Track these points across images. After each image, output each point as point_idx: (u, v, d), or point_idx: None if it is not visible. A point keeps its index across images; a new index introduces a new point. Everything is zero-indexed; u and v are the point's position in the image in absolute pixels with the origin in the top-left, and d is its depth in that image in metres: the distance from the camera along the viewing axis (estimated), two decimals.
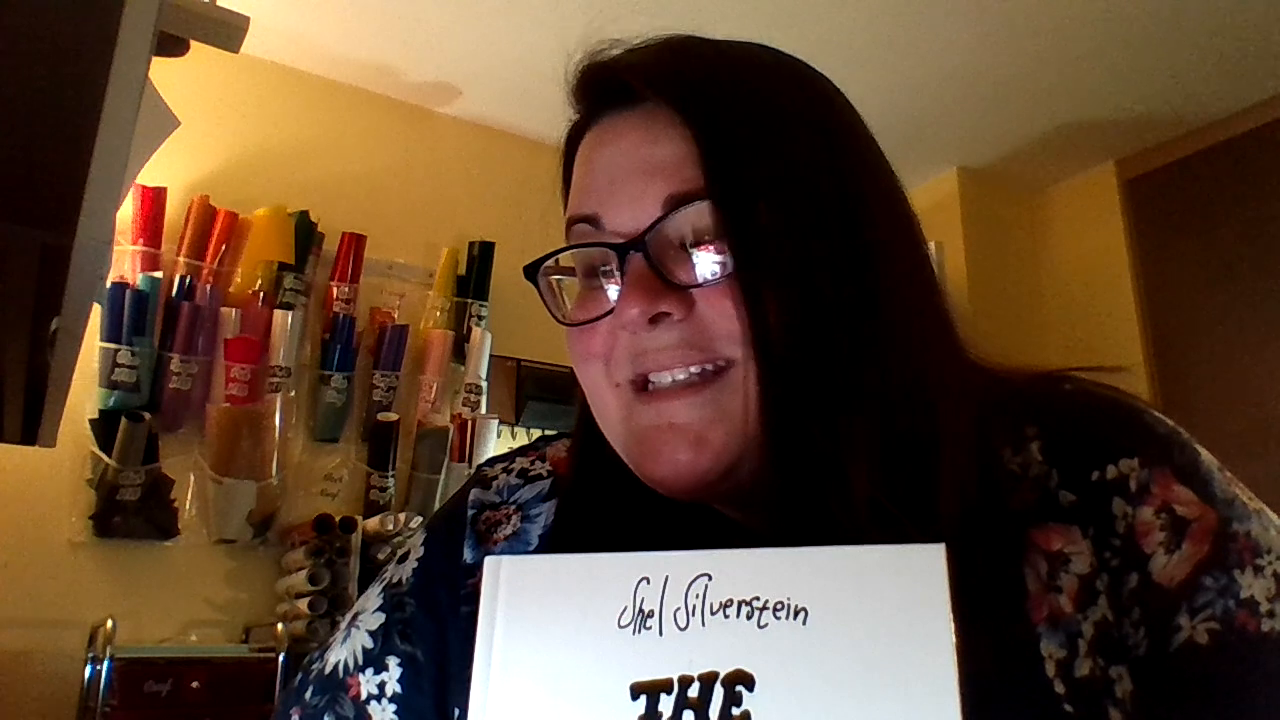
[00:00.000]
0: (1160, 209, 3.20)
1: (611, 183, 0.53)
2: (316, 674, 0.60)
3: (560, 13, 2.44)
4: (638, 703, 0.36)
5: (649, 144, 0.52)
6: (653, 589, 0.38)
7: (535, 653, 0.38)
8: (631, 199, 0.51)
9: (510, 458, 0.67)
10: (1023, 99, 2.94)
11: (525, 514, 0.62)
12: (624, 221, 0.51)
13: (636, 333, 0.50)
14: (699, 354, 0.50)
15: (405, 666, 0.58)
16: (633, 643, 0.37)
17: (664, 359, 0.50)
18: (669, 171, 0.51)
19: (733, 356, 0.49)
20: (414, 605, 0.59)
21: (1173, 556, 0.48)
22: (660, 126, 0.52)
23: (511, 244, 2.82)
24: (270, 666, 2.04)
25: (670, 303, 0.49)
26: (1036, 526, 0.50)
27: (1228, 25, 2.59)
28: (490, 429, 2.67)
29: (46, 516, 2.16)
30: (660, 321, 0.50)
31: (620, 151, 0.53)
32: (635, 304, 0.49)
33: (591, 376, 0.54)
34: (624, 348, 0.52)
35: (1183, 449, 0.51)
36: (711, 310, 0.49)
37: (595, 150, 0.55)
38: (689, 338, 0.50)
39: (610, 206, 0.52)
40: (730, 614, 0.37)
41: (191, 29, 1.02)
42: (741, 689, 0.35)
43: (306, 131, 2.70)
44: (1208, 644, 0.46)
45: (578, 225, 0.54)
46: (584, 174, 0.55)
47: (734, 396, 0.49)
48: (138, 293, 2.23)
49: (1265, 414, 2.83)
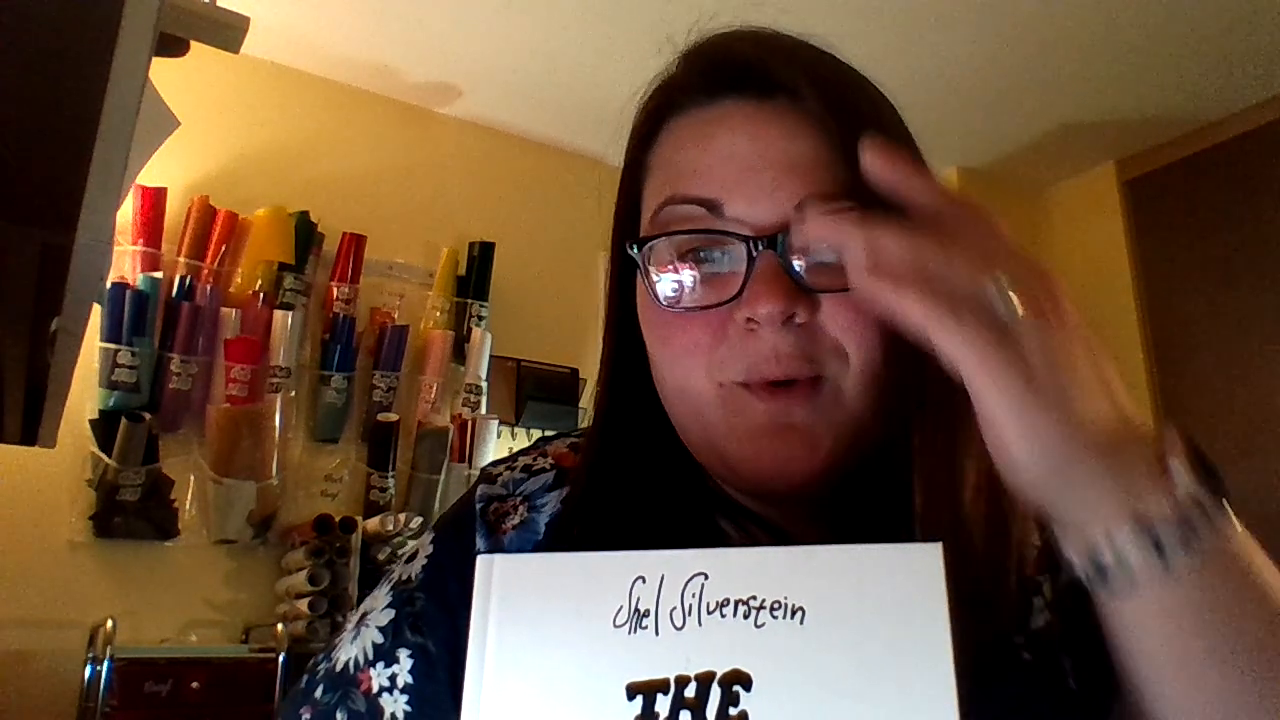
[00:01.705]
0: (1160, 209, 3.21)
1: (741, 172, 0.51)
2: (326, 672, 0.60)
3: (560, 13, 2.44)
4: (634, 703, 0.36)
5: (787, 139, 0.51)
6: (648, 588, 0.37)
7: (529, 653, 0.38)
8: (766, 192, 0.50)
9: (512, 458, 0.67)
10: (1023, 99, 2.94)
11: (532, 504, 0.61)
12: (753, 214, 0.50)
13: (758, 330, 0.49)
14: (808, 364, 0.50)
15: (416, 657, 0.57)
16: (628, 642, 0.37)
17: (778, 365, 0.49)
18: (806, 171, 0.50)
19: (831, 371, 0.50)
20: (424, 599, 0.59)
21: None
22: (799, 124, 0.51)
23: (511, 244, 2.82)
24: (270, 667, 2.04)
25: (801, 305, 0.49)
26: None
27: (1228, 26, 2.59)
28: (490, 429, 2.67)
29: (46, 516, 2.16)
30: (787, 324, 0.49)
31: (754, 141, 0.52)
32: (773, 301, 0.48)
33: (685, 369, 0.52)
34: (737, 345, 0.50)
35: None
36: (831, 321, 0.49)
37: (713, 134, 0.53)
38: (804, 346, 0.49)
39: (739, 195, 0.51)
40: (727, 613, 0.36)
41: (191, 29, 1.02)
42: (739, 689, 0.35)
43: (306, 131, 2.70)
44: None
45: (685, 207, 0.52)
46: (698, 154, 0.53)
47: (835, 405, 0.50)
48: (138, 293, 2.23)
49: (1265, 414, 2.83)
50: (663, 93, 0.57)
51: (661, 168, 0.56)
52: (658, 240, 0.53)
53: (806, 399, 0.50)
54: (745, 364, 0.50)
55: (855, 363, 0.50)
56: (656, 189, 0.55)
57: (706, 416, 0.52)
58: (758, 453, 0.50)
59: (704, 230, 0.51)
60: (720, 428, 0.52)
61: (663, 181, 0.55)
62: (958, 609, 0.36)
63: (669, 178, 0.54)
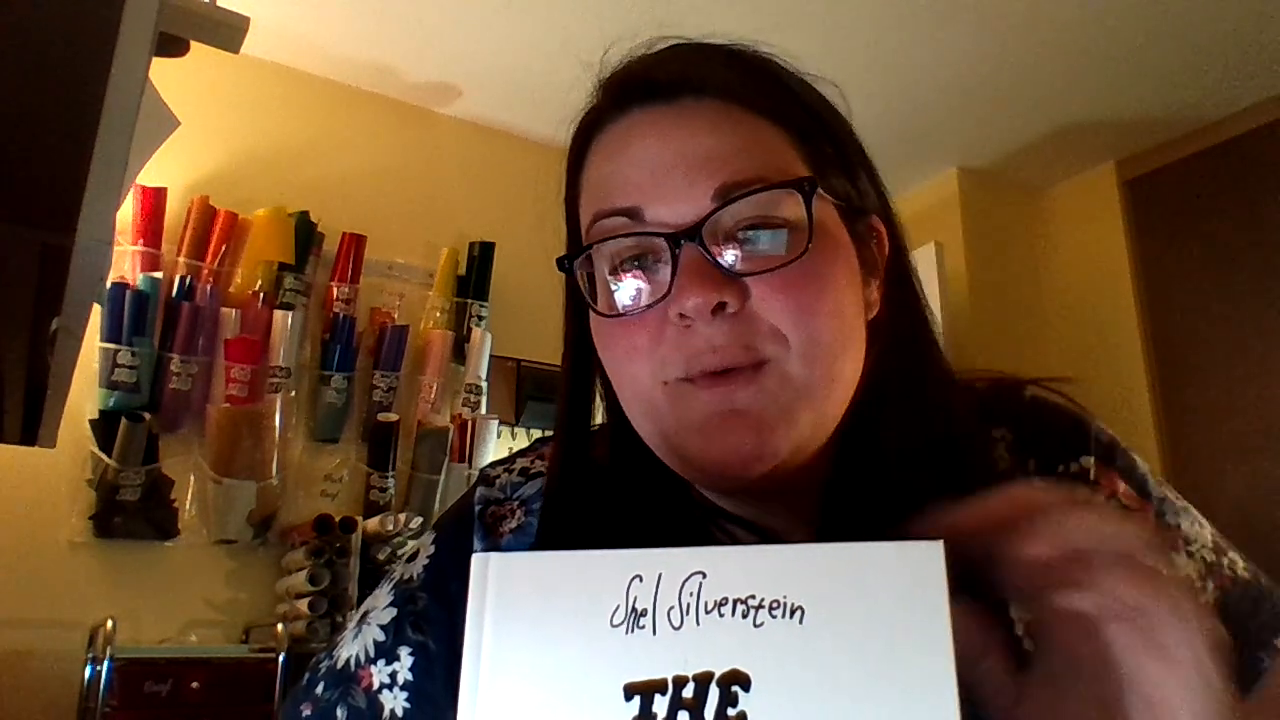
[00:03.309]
0: (1160, 209, 3.20)
1: (654, 174, 0.52)
2: (327, 670, 0.61)
3: (560, 13, 2.44)
4: (631, 703, 0.35)
5: (693, 136, 0.52)
6: (646, 587, 0.37)
7: (525, 653, 0.37)
8: (679, 191, 0.51)
9: (510, 459, 0.67)
10: (1023, 99, 2.94)
11: (529, 509, 0.62)
12: (671, 214, 0.51)
13: (692, 325, 0.50)
14: (746, 352, 0.50)
15: (417, 655, 0.58)
16: (626, 642, 0.36)
17: (718, 356, 0.50)
18: (716, 163, 0.51)
19: (772, 354, 0.50)
20: (426, 598, 0.60)
21: None
22: (701, 121, 0.53)
23: (511, 244, 2.82)
24: (270, 667, 2.04)
25: (730, 293, 0.49)
26: None
27: (1227, 26, 2.59)
28: (490, 429, 2.67)
29: (46, 516, 2.16)
30: (718, 313, 0.50)
31: (661, 145, 0.53)
32: (697, 293, 0.49)
33: (632, 373, 0.53)
34: (674, 344, 0.51)
35: (1123, 454, 0.60)
36: (764, 305, 0.50)
37: (627, 144, 0.55)
38: (740, 333, 0.50)
39: (654, 198, 0.52)
40: (725, 613, 0.36)
41: (191, 29, 1.02)
42: (737, 689, 0.35)
43: (306, 131, 2.70)
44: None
45: (610, 219, 0.53)
46: (615, 167, 0.55)
47: (781, 386, 0.50)
48: (138, 293, 2.23)
49: (1265, 414, 2.82)
50: (586, 117, 0.59)
51: (588, 187, 0.57)
52: (590, 252, 0.54)
53: (749, 382, 0.50)
54: (684, 360, 0.51)
55: (795, 342, 0.50)
56: (587, 206, 0.57)
57: (657, 416, 0.53)
58: (707, 442, 0.51)
59: (625, 235, 0.53)
60: (671, 424, 0.52)
61: (590, 198, 0.56)
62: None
63: (594, 194, 0.56)
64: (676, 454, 0.53)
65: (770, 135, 0.53)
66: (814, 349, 0.50)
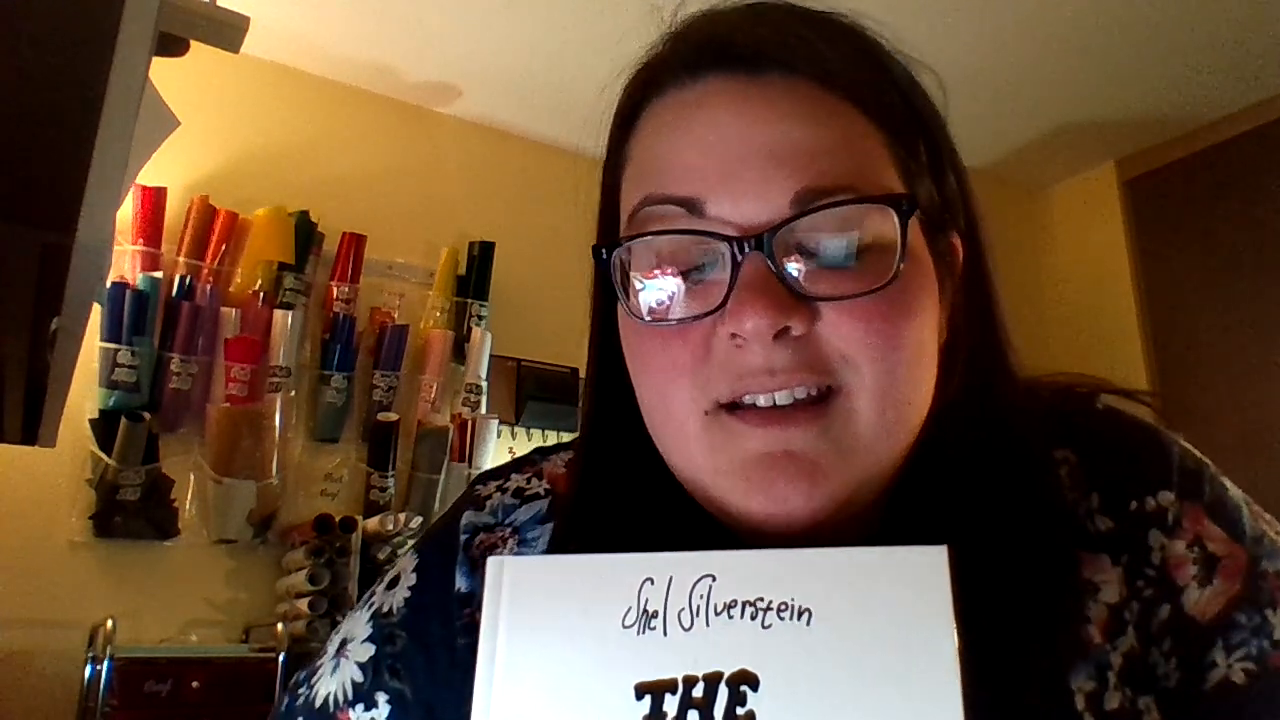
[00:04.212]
0: (1160, 209, 3.21)
1: (724, 163, 0.44)
2: (305, 703, 0.57)
3: (560, 13, 2.44)
4: (642, 703, 0.36)
5: (776, 122, 0.44)
6: (657, 589, 0.38)
7: (539, 654, 0.38)
8: (752, 187, 0.43)
9: (505, 474, 0.61)
10: (1023, 99, 2.94)
11: (522, 537, 0.57)
12: (738, 213, 0.43)
13: (746, 346, 0.42)
14: (812, 376, 0.43)
15: (394, 704, 0.54)
16: (637, 643, 0.37)
17: (773, 381, 0.42)
18: (803, 161, 0.43)
19: (844, 380, 0.43)
20: (405, 639, 0.55)
21: (1205, 591, 0.47)
22: (790, 106, 0.45)
23: (511, 244, 2.82)
24: (270, 666, 2.04)
25: (798, 317, 0.42)
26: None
27: (1227, 25, 2.59)
28: (490, 429, 2.67)
29: (46, 516, 2.16)
30: (781, 337, 0.42)
31: (737, 128, 0.44)
32: (762, 313, 0.41)
33: (668, 394, 0.45)
34: (722, 364, 0.43)
35: (1212, 483, 0.50)
36: (834, 332, 0.43)
37: (694, 118, 0.46)
38: (806, 358, 0.42)
39: (720, 191, 0.44)
40: (734, 614, 0.37)
41: (191, 29, 1.01)
42: (746, 689, 0.35)
43: (306, 131, 2.70)
44: (1244, 684, 0.46)
45: (662, 206, 0.45)
46: (676, 144, 0.46)
47: (846, 427, 0.43)
48: (138, 293, 2.23)
49: (1265, 414, 2.83)
50: (644, 72, 0.50)
51: (639, 160, 0.49)
52: (633, 244, 0.46)
53: (811, 421, 0.43)
54: (732, 381, 0.43)
55: (870, 376, 0.43)
56: (634, 185, 0.48)
57: (689, 454, 0.46)
58: (750, 489, 0.43)
59: (681, 231, 0.45)
60: (706, 465, 0.45)
61: (640, 176, 0.48)
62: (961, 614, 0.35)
63: (646, 172, 0.47)
64: (707, 496, 0.46)
65: (865, 133, 0.46)
66: (889, 388, 0.43)
